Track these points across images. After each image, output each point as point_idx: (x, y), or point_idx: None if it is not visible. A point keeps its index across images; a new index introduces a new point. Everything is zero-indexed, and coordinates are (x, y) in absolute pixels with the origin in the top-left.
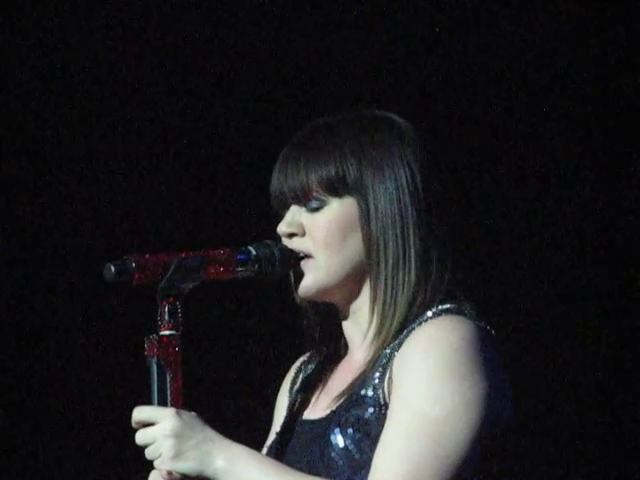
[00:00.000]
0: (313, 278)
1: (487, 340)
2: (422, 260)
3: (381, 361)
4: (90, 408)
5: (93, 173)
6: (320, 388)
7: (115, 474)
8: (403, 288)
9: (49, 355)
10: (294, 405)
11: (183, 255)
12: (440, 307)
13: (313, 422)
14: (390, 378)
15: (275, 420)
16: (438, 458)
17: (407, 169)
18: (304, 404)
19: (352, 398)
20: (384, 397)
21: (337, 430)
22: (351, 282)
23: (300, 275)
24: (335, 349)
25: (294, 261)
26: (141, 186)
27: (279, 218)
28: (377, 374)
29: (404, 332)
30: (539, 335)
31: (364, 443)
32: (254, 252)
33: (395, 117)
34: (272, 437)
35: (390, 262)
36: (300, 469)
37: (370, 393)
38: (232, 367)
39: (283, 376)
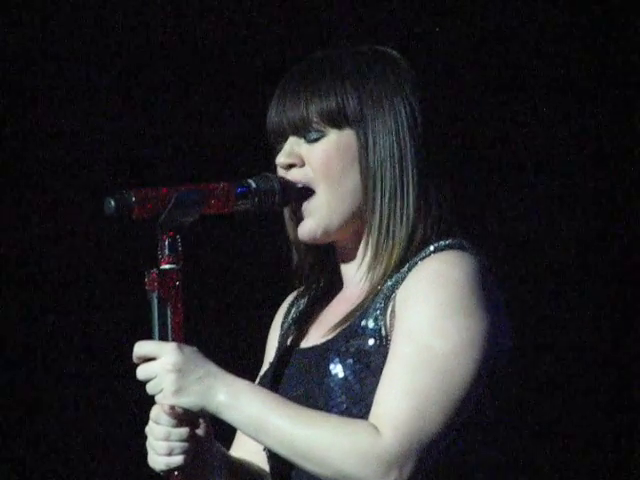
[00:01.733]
0: (316, 221)
1: (488, 275)
2: (420, 194)
3: (383, 293)
4: (95, 348)
5: (87, 107)
6: (315, 320)
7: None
8: (401, 221)
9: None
10: (288, 336)
11: (183, 189)
12: (442, 242)
13: (309, 350)
14: (393, 311)
15: (267, 352)
16: (443, 393)
17: (406, 103)
18: (298, 335)
19: (352, 328)
20: (386, 329)
21: (337, 360)
22: (351, 220)
23: (299, 214)
24: (329, 283)
25: (293, 193)
26: (138, 121)
27: (277, 150)
28: (379, 306)
29: (406, 266)
30: (537, 276)
31: (364, 374)
32: (254, 185)
33: (394, 52)
34: (266, 367)
35: (387, 194)
36: (297, 398)
37: (371, 324)
38: (231, 301)
39: (276, 310)
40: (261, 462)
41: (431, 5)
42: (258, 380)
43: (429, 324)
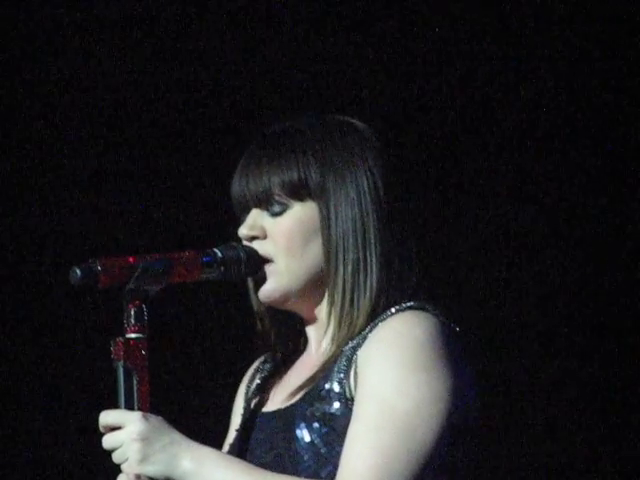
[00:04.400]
0: (275, 283)
1: (451, 334)
2: (383, 264)
3: (345, 355)
4: (59, 411)
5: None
6: (279, 384)
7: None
8: (365, 292)
9: (16, 358)
10: (252, 401)
11: (149, 258)
12: (403, 304)
13: (274, 414)
14: (355, 372)
15: (233, 419)
16: (408, 450)
17: (368, 174)
18: (263, 400)
19: (315, 392)
20: (350, 391)
21: (302, 424)
22: (312, 287)
23: (261, 280)
24: (293, 348)
25: (259, 263)
26: (104, 188)
27: (241, 221)
28: (342, 368)
29: (367, 327)
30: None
31: (330, 437)
32: (220, 254)
33: (357, 122)
34: (232, 434)
35: (349, 267)
36: (266, 464)
37: (335, 387)
38: (196, 369)
39: (242, 378)
40: None
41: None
42: (224, 447)
43: (390, 383)
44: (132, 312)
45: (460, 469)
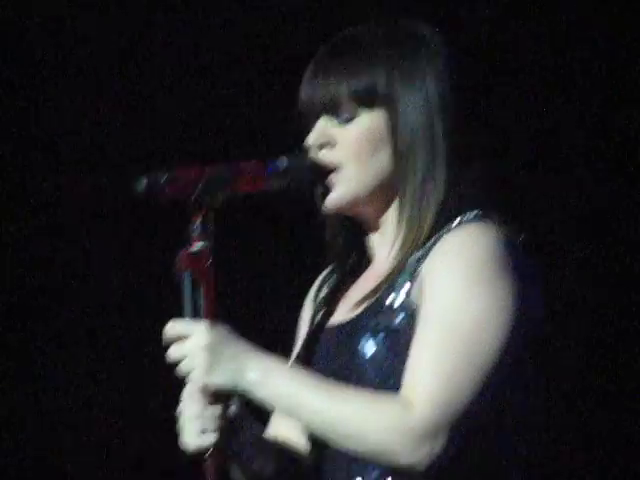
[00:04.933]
0: (343, 190)
1: (514, 247)
2: (450, 173)
3: (408, 269)
4: (123, 323)
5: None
6: (344, 297)
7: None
8: (431, 201)
9: (80, 275)
10: (318, 314)
11: (214, 167)
12: (468, 215)
13: (338, 327)
14: (419, 285)
15: (299, 331)
16: (470, 367)
17: (436, 81)
18: (328, 312)
19: (379, 304)
20: (413, 305)
21: (367, 336)
22: (380, 194)
23: (328, 188)
24: (359, 261)
25: (325, 172)
26: (169, 101)
27: (309, 130)
28: (406, 281)
29: (432, 239)
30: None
31: (394, 350)
32: (285, 163)
33: (425, 28)
34: (299, 346)
35: (418, 175)
36: (329, 376)
37: (399, 300)
38: (263, 281)
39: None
40: (300, 437)
41: None
42: (291, 359)
43: (455, 296)
44: (198, 222)
45: (529, 385)
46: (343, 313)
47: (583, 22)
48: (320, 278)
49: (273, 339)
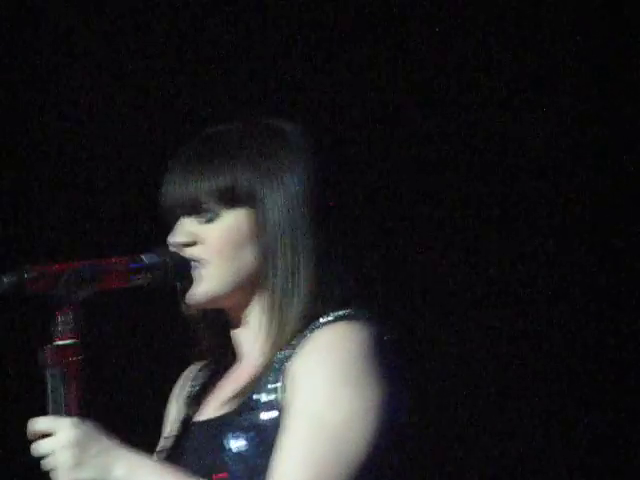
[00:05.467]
0: (204, 287)
1: (383, 345)
2: (313, 270)
3: (275, 366)
4: None
5: None
6: (210, 394)
7: None
8: (294, 298)
9: None
10: (184, 410)
11: (76, 264)
12: (332, 314)
13: (204, 424)
14: (284, 384)
15: (164, 426)
16: (337, 462)
17: (297, 179)
18: (194, 409)
19: (245, 402)
20: (279, 402)
21: (230, 434)
22: (244, 291)
23: (189, 284)
24: (224, 357)
25: (186, 269)
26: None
27: (170, 228)
28: (271, 379)
29: (297, 338)
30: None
31: (260, 448)
32: (146, 260)
33: (286, 125)
34: (162, 442)
35: (279, 273)
36: (195, 473)
37: (264, 398)
38: (130, 375)
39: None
40: None
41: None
42: (155, 454)
43: (320, 395)
44: (60, 319)
45: (393, 475)
46: (211, 410)
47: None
48: (185, 374)
49: (139, 434)
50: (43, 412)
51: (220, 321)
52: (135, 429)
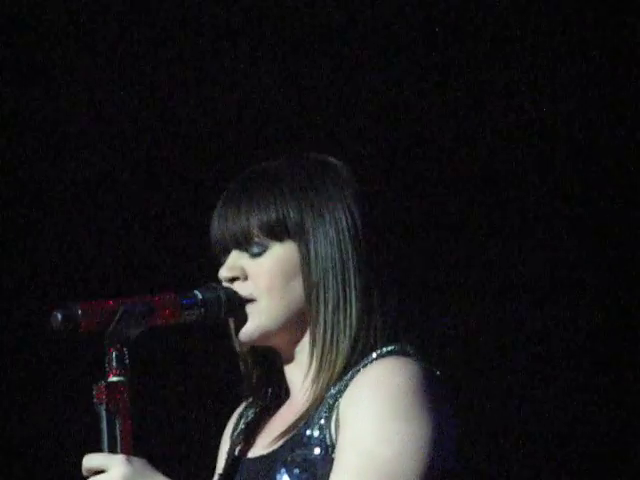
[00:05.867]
0: (256, 323)
1: (433, 380)
2: (363, 303)
3: (326, 402)
4: (43, 456)
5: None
6: (262, 430)
7: None
8: (344, 332)
9: None
10: (236, 446)
11: (129, 301)
12: (384, 349)
13: (256, 460)
14: (336, 419)
15: (218, 464)
16: None
17: (347, 212)
18: (246, 446)
19: (297, 438)
20: (330, 438)
21: (283, 470)
22: (293, 326)
23: (242, 320)
24: (276, 393)
25: (239, 304)
26: (83, 232)
27: (221, 263)
28: (323, 415)
29: (349, 374)
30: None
31: None
32: (200, 296)
33: (334, 160)
34: (215, 478)
35: (330, 306)
36: None
37: (316, 434)
38: (181, 411)
39: (227, 421)
40: None
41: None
42: None
43: (372, 431)
44: (113, 355)
45: None
46: (262, 447)
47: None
48: (238, 411)
49: (192, 471)
50: (97, 448)
51: (270, 357)
52: (187, 466)
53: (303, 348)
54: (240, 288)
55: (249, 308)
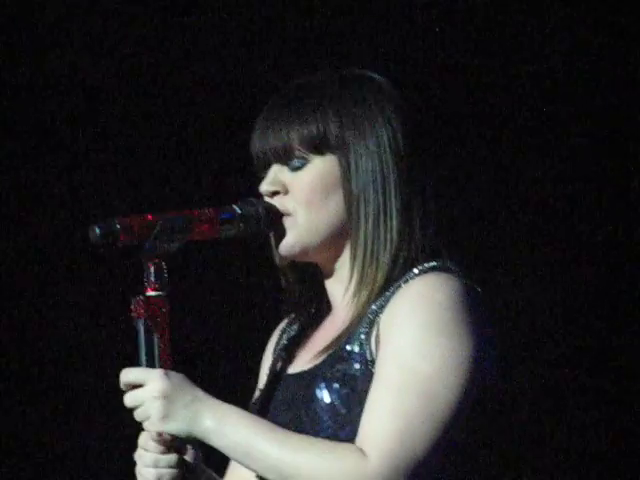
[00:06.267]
0: (295, 237)
1: (474, 297)
2: (404, 218)
3: (367, 318)
4: (80, 371)
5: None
6: (303, 345)
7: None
8: (385, 245)
9: (35, 322)
10: (278, 362)
11: (168, 215)
12: (426, 264)
13: (296, 376)
14: (377, 335)
15: (259, 379)
16: (428, 415)
17: (388, 126)
18: (288, 361)
19: (337, 353)
20: (371, 353)
21: (323, 385)
22: (333, 240)
23: (281, 235)
24: (317, 308)
25: (278, 218)
26: (123, 147)
27: (261, 177)
28: (363, 330)
29: (390, 289)
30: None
31: (350, 399)
32: (239, 210)
33: (375, 75)
34: (256, 394)
35: (370, 220)
36: (285, 424)
37: (356, 349)
38: (219, 327)
39: (268, 337)
40: None
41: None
42: (247, 407)
43: (412, 347)
44: (152, 270)
45: (479, 435)
46: (303, 362)
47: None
48: (280, 327)
49: (230, 386)
50: (134, 362)
51: (311, 272)
52: (225, 382)
53: (344, 263)
54: (280, 202)
55: (288, 222)
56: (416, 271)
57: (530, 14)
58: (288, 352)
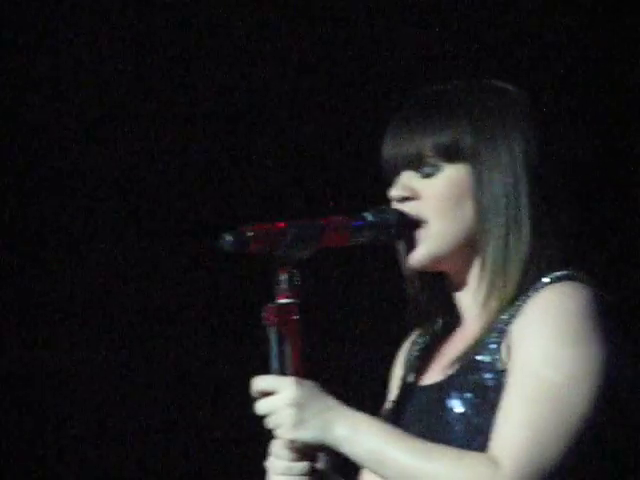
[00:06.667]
0: (427, 247)
1: (605, 306)
2: (534, 230)
3: (497, 328)
4: (208, 380)
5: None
6: (434, 357)
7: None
8: (515, 257)
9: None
10: (409, 374)
11: (299, 223)
12: (556, 274)
13: (428, 387)
14: (508, 345)
15: (390, 390)
16: (560, 423)
17: (522, 139)
18: (419, 373)
19: (468, 364)
20: (502, 363)
21: (454, 394)
22: (463, 250)
23: (412, 244)
24: (447, 319)
25: (410, 227)
26: (248, 154)
27: (391, 184)
28: (494, 340)
29: (520, 298)
30: None
31: (482, 408)
32: (370, 218)
33: (511, 87)
34: (387, 405)
35: (500, 231)
36: (417, 434)
37: (487, 359)
38: (351, 336)
39: (398, 348)
40: None
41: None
42: (380, 415)
43: (543, 355)
44: (283, 278)
45: (609, 444)
46: (434, 374)
47: None
48: (411, 338)
49: (361, 395)
50: (265, 370)
51: (439, 283)
52: (357, 390)
53: (473, 273)
54: (410, 209)
55: (420, 232)
56: (546, 280)
57: None
58: (419, 364)
